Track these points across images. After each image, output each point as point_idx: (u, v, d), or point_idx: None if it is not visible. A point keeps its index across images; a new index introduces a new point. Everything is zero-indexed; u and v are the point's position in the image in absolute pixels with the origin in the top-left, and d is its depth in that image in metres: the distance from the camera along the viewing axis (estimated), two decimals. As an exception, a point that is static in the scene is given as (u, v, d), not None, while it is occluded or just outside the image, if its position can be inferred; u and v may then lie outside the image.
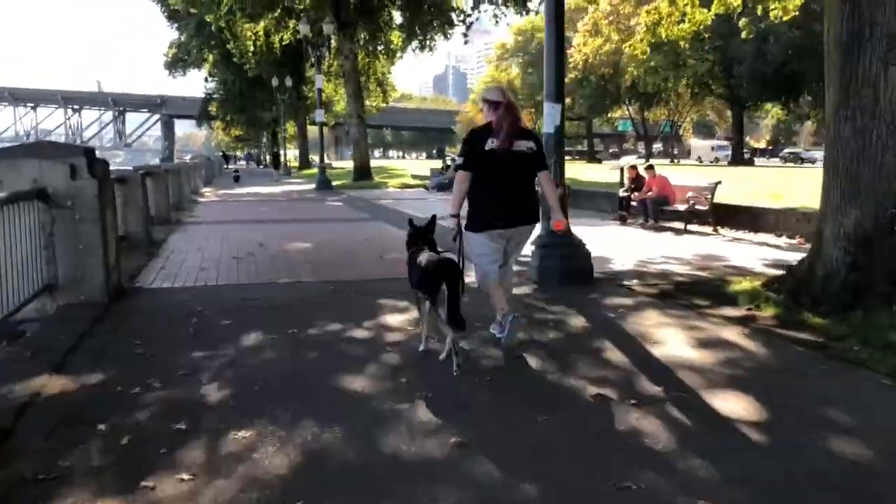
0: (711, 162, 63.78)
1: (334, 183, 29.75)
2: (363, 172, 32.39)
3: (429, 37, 36.11)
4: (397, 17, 37.49)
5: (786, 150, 71.30)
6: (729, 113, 75.65)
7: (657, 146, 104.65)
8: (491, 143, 5.04)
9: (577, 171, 28.17)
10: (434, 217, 5.46)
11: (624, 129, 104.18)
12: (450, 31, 36.30)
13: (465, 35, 33.77)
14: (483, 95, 5.52)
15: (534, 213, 5.34)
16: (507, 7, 33.63)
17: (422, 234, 5.30)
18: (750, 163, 59.19)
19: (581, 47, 64.63)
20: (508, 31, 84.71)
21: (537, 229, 6.10)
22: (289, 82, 46.40)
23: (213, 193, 26.55)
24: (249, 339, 5.55)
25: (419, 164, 62.79)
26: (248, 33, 36.57)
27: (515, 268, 6.17)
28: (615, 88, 64.63)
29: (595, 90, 65.60)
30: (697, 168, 46.20)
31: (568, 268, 7.99)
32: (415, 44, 37.00)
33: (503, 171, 5.07)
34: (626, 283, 8.07)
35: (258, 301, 6.96)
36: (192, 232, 13.18)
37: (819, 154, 73.84)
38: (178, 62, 74.98)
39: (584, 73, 65.73)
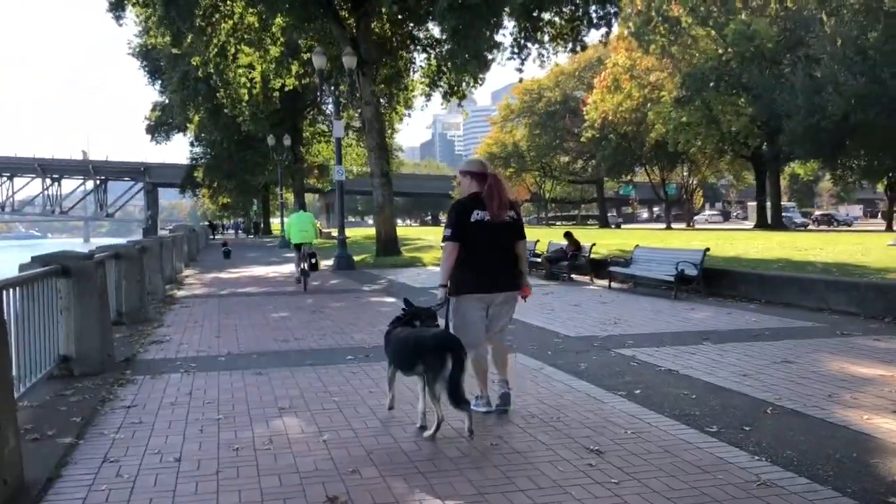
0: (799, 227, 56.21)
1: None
2: (389, 245, 24.91)
3: (460, 81, 29.22)
4: (420, 59, 30.71)
5: (818, 213, 64.94)
6: (745, 174, 69.85)
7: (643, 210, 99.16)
8: (477, 215, 5.08)
9: (715, 242, 19.75)
10: (413, 309, 5.33)
11: (626, 193, 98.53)
12: (481, 77, 29.50)
13: (521, 70, 27.08)
14: (464, 168, 5.40)
15: (516, 280, 5.29)
16: (557, 43, 26.96)
17: (411, 317, 5.25)
18: (783, 227, 52.60)
19: (598, 104, 58.60)
20: (511, 95, 78.81)
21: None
22: (287, 141, 39.26)
23: (197, 279, 18.98)
24: None
25: (423, 232, 55.53)
26: (242, 79, 29.49)
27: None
28: (639, 147, 58.13)
29: (615, 150, 59.00)
30: (813, 237, 39.29)
31: None
32: (438, 92, 30.19)
33: (489, 240, 5.11)
34: None
35: None
36: (139, 425, 5.52)
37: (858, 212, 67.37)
38: (161, 126, 68.33)
39: (601, 132, 59.47)
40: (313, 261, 15.52)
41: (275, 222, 64.48)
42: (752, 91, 47.14)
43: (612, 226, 70.38)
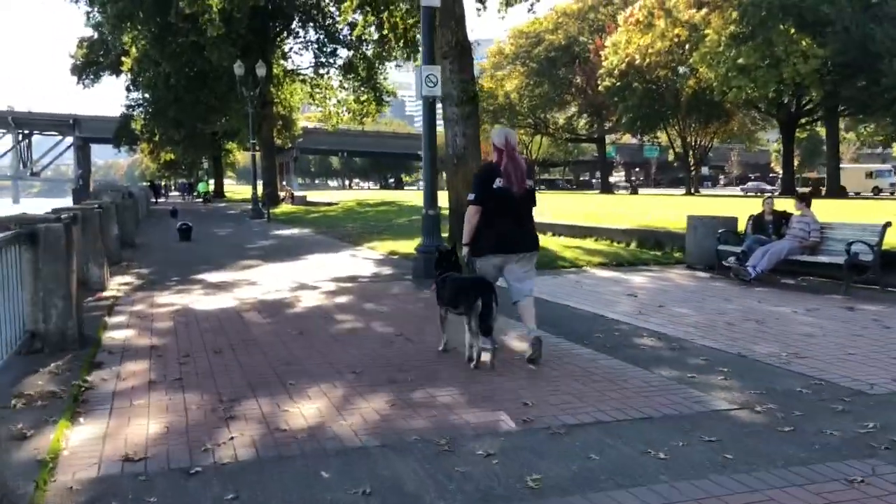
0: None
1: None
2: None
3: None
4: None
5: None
6: (758, 135, 60.99)
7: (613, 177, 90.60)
8: (499, 182, 5.39)
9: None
10: (455, 245, 6.03)
11: (610, 156, 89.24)
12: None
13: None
14: (492, 137, 5.61)
15: (531, 242, 5.61)
16: None
17: (448, 259, 5.80)
18: (843, 195, 43.29)
19: (622, 46, 48.28)
20: (507, 35, 67.62)
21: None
22: (262, 70, 27.73)
23: (138, 326, 8.04)
24: None
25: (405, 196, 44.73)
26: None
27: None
28: (672, 98, 48.00)
29: (642, 100, 48.56)
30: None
31: None
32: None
33: (509, 206, 5.42)
34: None
35: None
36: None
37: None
38: (91, 66, 55.31)
39: (623, 80, 49.21)
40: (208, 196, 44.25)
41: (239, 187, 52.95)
42: (833, 26, 37.42)
43: (625, 191, 60.67)
